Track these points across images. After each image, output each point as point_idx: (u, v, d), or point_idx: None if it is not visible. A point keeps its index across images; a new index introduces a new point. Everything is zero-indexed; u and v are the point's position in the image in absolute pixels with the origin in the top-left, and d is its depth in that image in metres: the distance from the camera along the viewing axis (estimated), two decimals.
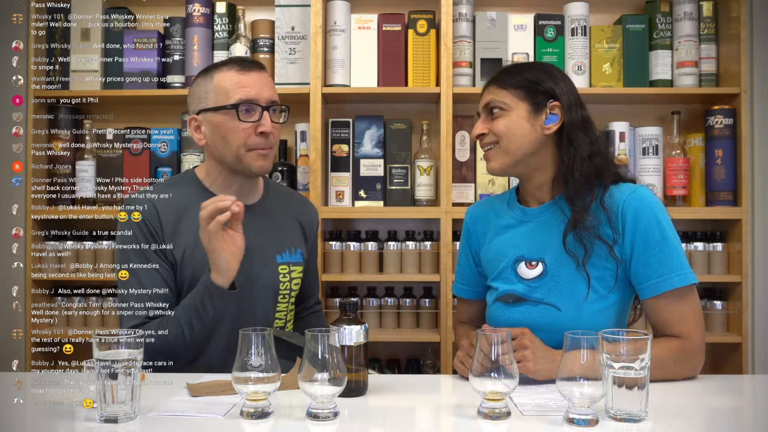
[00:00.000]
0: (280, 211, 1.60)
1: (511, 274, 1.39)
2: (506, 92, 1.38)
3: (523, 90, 1.37)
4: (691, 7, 2.29)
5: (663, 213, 1.32)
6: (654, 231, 1.29)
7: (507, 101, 1.37)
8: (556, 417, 1.04)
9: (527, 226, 1.41)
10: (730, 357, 2.27)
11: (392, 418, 1.12)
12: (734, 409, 1.25)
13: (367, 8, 2.39)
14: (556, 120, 1.36)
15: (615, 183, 1.36)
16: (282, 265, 1.55)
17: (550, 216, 1.39)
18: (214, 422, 1.04)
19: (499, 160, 1.39)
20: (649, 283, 1.30)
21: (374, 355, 2.39)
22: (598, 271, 1.32)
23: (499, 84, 1.39)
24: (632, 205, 1.31)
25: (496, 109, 1.38)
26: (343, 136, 2.32)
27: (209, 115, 1.46)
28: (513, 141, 1.36)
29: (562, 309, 1.33)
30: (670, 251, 1.29)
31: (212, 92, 1.45)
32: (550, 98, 1.36)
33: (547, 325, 1.32)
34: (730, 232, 2.31)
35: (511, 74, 1.40)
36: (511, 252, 1.41)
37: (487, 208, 1.53)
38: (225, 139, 1.44)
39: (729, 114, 2.27)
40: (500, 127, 1.37)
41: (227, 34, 2.32)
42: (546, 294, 1.35)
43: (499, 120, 1.37)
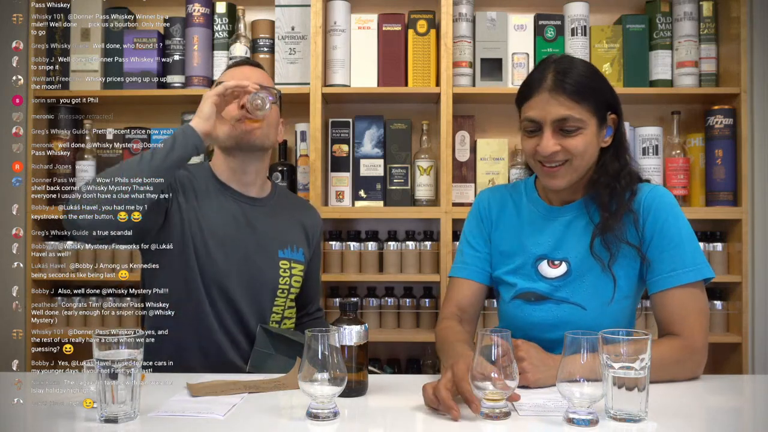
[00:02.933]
0: (285, 211, 1.65)
1: (531, 271, 1.39)
2: (580, 108, 1.27)
3: (593, 104, 1.29)
4: (691, 7, 2.29)
5: (679, 210, 1.34)
6: (671, 227, 1.30)
7: (583, 119, 1.28)
8: (556, 417, 1.04)
9: (551, 224, 1.40)
10: (730, 357, 2.27)
11: (392, 418, 1.12)
12: (734, 409, 1.25)
13: (367, 8, 2.39)
14: (611, 132, 1.35)
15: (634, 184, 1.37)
16: (283, 260, 1.58)
17: (576, 217, 1.38)
18: (214, 422, 1.04)
19: (567, 177, 1.32)
20: (660, 278, 1.30)
21: (374, 355, 2.38)
22: (623, 271, 1.33)
23: (571, 96, 1.27)
24: (652, 202, 1.32)
25: (572, 128, 1.28)
26: (343, 136, 2.32)
27: None
28: (584, 159, 1.31)
29: (587, 308, 1.33)
30: (684, 247, 1.30)
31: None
32: (609, 110, 1.34)
33: (570, 324, 1.31)
34: (730, 232, 2.31)
35: (578, 84, 1.28)
36: (532, 249, 1.40)
37: (504, 195, 1.48)
38: (220, 119, 1.47)
39: (729, 114, 2.27)
40: (579, 147, 1.28)
41: (227, 34, 2.32)
42: (571, 293, 1.35)
43: (576, 138, 1.28)
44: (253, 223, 1.55)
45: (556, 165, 1.31)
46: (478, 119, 2.38)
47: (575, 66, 1.31)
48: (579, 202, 1.39)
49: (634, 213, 1.32)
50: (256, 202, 1.58)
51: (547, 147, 1.28)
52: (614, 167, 1.34)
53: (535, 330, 1.35)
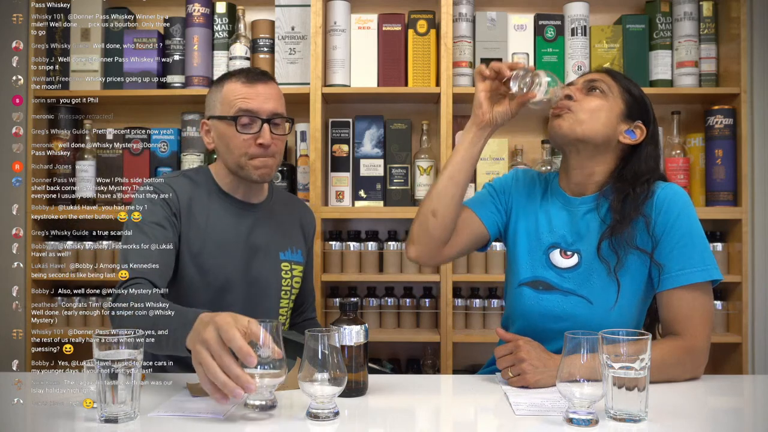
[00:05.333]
0: (283, 212, 1.64)
1: (542, 258, 1.39)
2: (616, 85, 1.39)
3: (628, 94, 1.39)
4: (691, 7, 2.29)
5: (692, 209, 1.34)
6: (681, 225, 1.30)
7: (612, 90, 1.38)
8: (556, 417, 1.04)
9: (568, 214, 1.41)
10: (730, 357, 2.27)
11: (392, 418, 1.12)
12: (734, 409, 1.25)
13: (367, 8, 2.39)
14: (634, 137, 1.38)
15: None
16: (284, 262, 1.59)
17: (591, 211, 1.39)
18: (214, 422, 1.03)
19: (570, 123, 1.36)
20: (667, 276, 1.29)
21: (374, 355, 2.39)
22: (629, 276, 1.32)
23: (613, 76, 1.41)
24: (664, 202, 1.32)
25: (597, 90, 1.38)
26: (343, 136, 2.32)
27: (216, 123, 1.51)
28: (590, 119, 1.36)
29: (594, 302, 1.33)
30: (693, 246, 1.29)
31: (219, 101, 1.50)
32: (639, 118, 1.39)
33: (576, 317, 1.32)
34: (730, 232, 2.31)
35: (625, 78, 1.43)
36: (546, 236, 1.41)
37: (533, 179, 1.51)
38: (228, 146, 1.49)
39: (729, 114, 2.27)
40: (591, 105, 1.37)
41: (227, 34, 2.32)
42: (578, 286, 1.35)
43: (593, 98, 1.37)
44: (254, 229, 1.54)
45: (565, 112, 1.37)
46: None
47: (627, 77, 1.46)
48: (594, 196, 1.39)
49: (646, 217, 1.31)
50: (256, 207, 1.57)
51: (569, 89, 1.38)
52: (631, 173, 1.36)
53: (540, 319, 1.36)
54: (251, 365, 1.00)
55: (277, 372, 1.05)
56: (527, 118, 2.42)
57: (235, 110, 1.47)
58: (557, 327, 1.31)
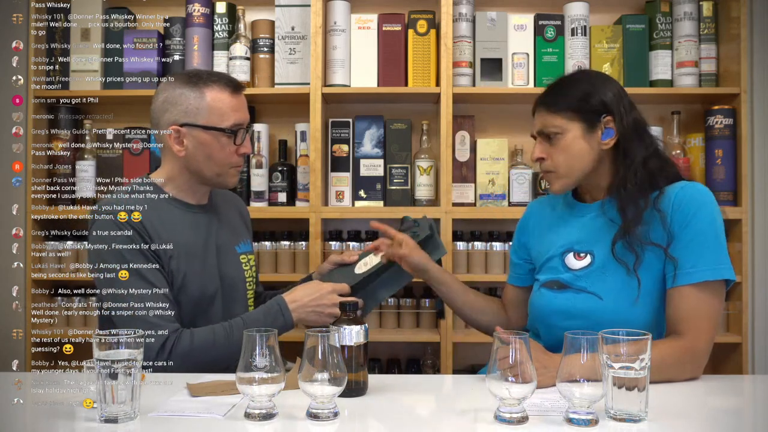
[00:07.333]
0: (225, 207, 1.65)
1: (558, 262, 1.41)
2: (557, 116, 1.38)
3: (572, 111, 1.37)
4: (691, 7, 2.29)
5: (713, 208, 1.31)
6: (697, 222, 1.29)
7: (558, 124, 1.37)
8: (556, 417, 1.04)
9: (580, 220, 1.44)
10: (730, 357, 2.27)
11: (392, 418, 1.12)
12: (734, 409, 1.25)
13: (367, 8, 2.39)
14: (613, 134, 1.37)
15: (670, 183, 1.35)
16: (242, 255, 1.61)
17: (601, 215, 1.40)
18: (214, 422, 1.04)
19: (560, 182, 1.41)
20: (677, 273, 1.29)
21: (374, 355, 2.39)
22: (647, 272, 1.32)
23: (548, 108, 1.39)
24: (682, 199, 1.31)
25: (552, 136, 1.38)
26: (343, 136, 2.32)
27: (197, 132, 1.46)
28: (572, 164, 1.38)
29: (604, 299, 1.33)
30: (708, 245, 1.28)
31: (205, 110, 1.45)
32: (602, 113, 1.37)
33: (586, 313, 1.33)
34: (730, 232, 2.30)
35: (558, 95, 1.40)
36: (560, 241, 1.43)
37: (544, 204, 1.57)
38: (210, 156, 1.47)
39: (729, 114, 2.27)
40: (558, 158, 1.38)
41: (227, 34, 2.32)
42: (590, 283, 1.35)
43: (556, 146, 1.38)
44: (209, 229, 1.53)
45: (547, 172, 1.42)
46: (478, 119, 2.38)
47: (562, 80, 1.44)
48: (603, 201, 1.41)
49: (662, 213, 1.31)
50: (206, 208, 1.55)
51: (534, 152, 1.42)
52: (622, 170, 1.36)
53: (553, 317, 1.38)
54: None
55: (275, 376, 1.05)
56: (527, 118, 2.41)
57: (230, 123, 1.46)
58: (569, 324, 1.29)
